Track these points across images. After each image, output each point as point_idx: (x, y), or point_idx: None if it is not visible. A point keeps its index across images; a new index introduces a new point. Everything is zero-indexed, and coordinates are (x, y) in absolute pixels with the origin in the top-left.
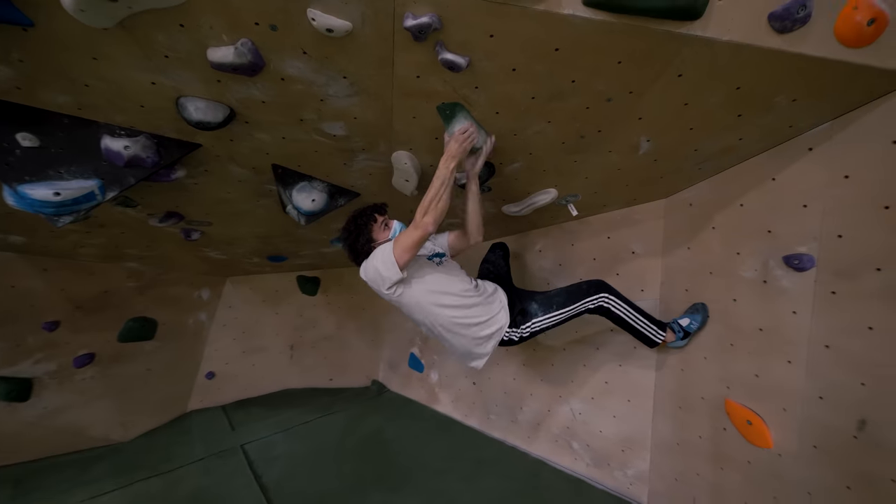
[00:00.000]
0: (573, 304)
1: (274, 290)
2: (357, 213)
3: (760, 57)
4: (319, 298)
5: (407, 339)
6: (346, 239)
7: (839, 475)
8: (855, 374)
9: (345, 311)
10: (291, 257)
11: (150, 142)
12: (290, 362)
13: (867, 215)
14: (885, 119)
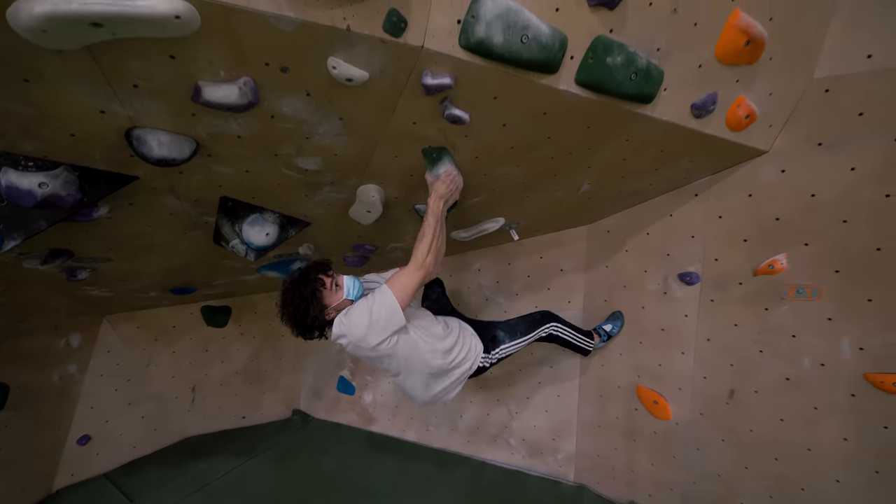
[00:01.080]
0: (532, 332)
1: (170, 325)
2: (297, 282)
3: (681, 132)
4: (230, 329)
5: (334, 362)
6: (291, 315)
7: (717, 431)
8: (726, 358)
9: (260, 340)
10: (202, 287)
11: (72, 176)
12: (191, 407)
13: (733, 245)
14: (745, 178)
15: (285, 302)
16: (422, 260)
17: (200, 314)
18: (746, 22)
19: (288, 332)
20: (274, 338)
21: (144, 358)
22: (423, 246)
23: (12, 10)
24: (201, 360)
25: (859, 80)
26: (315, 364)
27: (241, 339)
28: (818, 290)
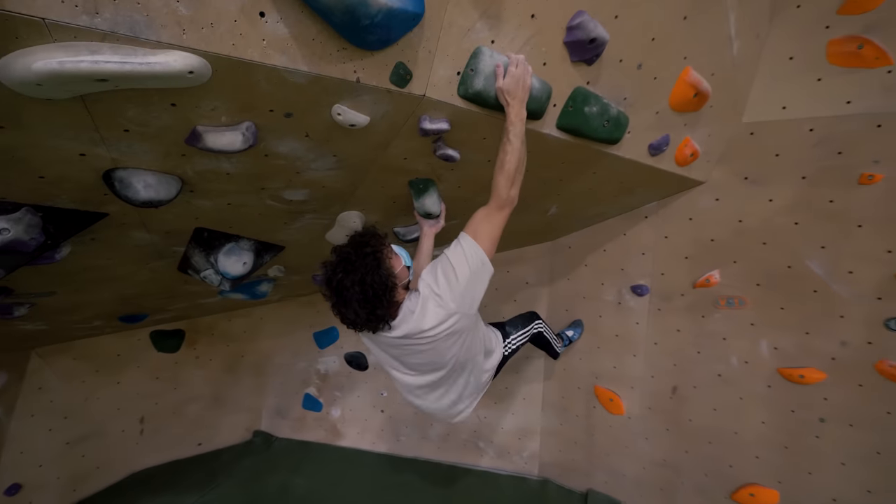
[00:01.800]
0: (528, 326)
1: (114, 354)
2: (356, 246)
3: (640, 168)
4: (183, 354)
5: (299, 380)
6: (359, 285)
7: (662, 423)
8: (670, 359)
9: (217, 362)
10: (154, 313)
11: (35, 218)
12: (140, 439)
13: (676, 261)
14: (687, 204)
15: (347, 270)
16: (505, 194)
17: (149, 340)
18: (695, 78)
19: (251, 350)
20: (232, 359)
21: (84, 392)
22: (504, 177)
23: (1, 65)
24: (151, 388)
25: (776, 127)
26: (278, 384)
27: (196, 363)
28: (744, 300)
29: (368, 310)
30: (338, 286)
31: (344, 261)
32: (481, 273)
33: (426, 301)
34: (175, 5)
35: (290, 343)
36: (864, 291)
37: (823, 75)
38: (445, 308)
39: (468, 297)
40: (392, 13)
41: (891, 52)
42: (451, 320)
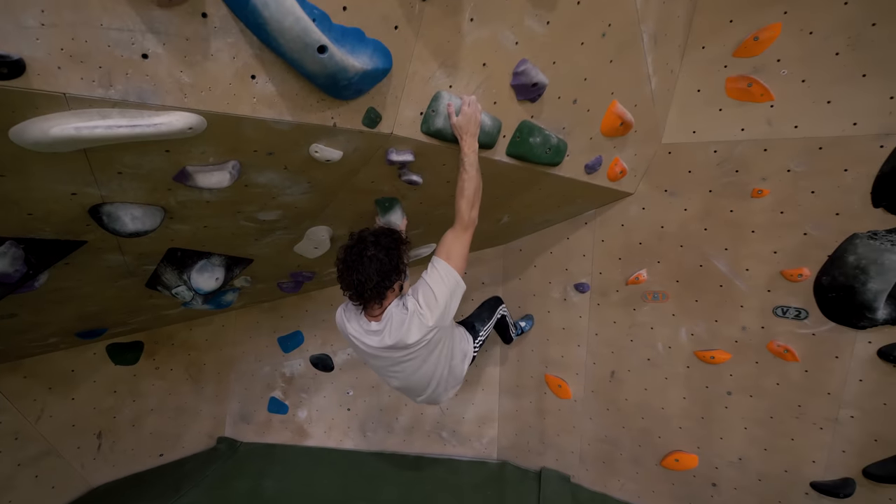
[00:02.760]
0: (493, 315)
1: (67, 370)
2: (392, 232)
3: (578, 184)
4: (142, 366)
5: (264, 384)
6: (384, 257)
7: (603, 404)
8: (608, 347)
9: (178, 372)
10: (113, 327)
11: (18, 251)
12: (97, 455)
13: (611, 262)
14: (619, 212)
15: (379, 245)
16: (468, 217)
17: (106, 353)
18: (621, 110)
19: (212, 358)
20: (194, 367)
21: (36, 410)
22: (465, 202)
23: (17, 129)
24: (108, 403)
25: (688, 148)
26: (242, 389)
27: (156, 373)
28: (666, 294)
29: (379, 278)
30: (361, 252)
31: (377, 236)
32: (456, 291)
33: (412, 317)
34: (179, 75)
35: (254, 348)
36: (758, 285)
37: (723, 106)
38: (426, 326)
39: (446, 314)
40: (366, 73)
41: (773, 90)
42: (430, 334)
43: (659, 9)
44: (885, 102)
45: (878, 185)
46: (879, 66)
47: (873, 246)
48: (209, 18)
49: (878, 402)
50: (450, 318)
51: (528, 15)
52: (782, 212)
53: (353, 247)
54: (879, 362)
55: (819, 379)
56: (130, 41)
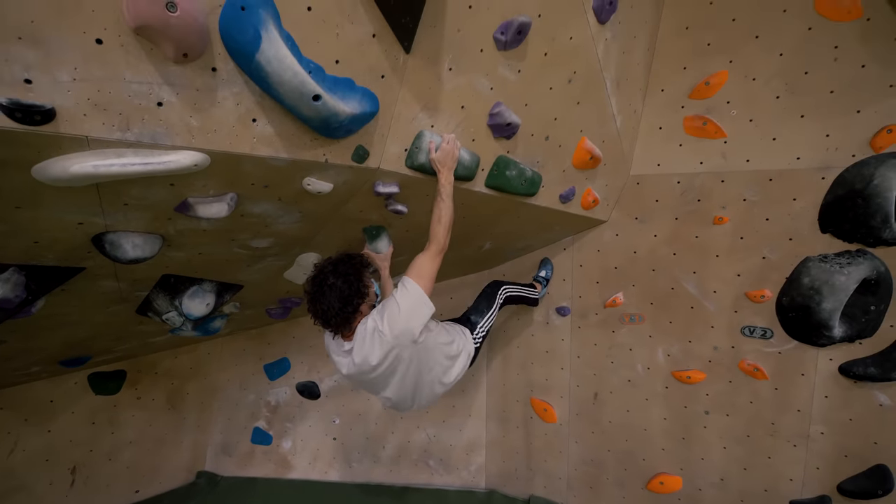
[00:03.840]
0: (493, 303)
1: (46, 400)
2: (345, 259)
3: (554, 212)
4: (123, 395)
5: (248, 413)
6: (342, 288)
7: (587, 426)
8: (590, 369)
9: (160, 402)
10: (98, 355)
11: (21, 277)
12: (70, 491)
13: (589, 285)
14: (595, 238)
15: (337, 273)
16: (443, 242)
17: (87, 383)
18: (590, 145)
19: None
20: (177, 397)
21: (9, 444)
22: (441, 228)
23: (40, 166)
24: (85, 434)
25: (654, 179)
26: (225, 419)
27: (137, 404)
28: (642, 316)
29: (341, 304)
30: (321, 281)
31: (335, 264)
32: (420, 308)
33: (373, 334)
34: (188, 119)
35: (239, 376)
36: (725, 306)
37: (683, 142)
38: (386, 344)
39: (407, 332)
40: (356, 116)
41: (725, 128)
42: (393, 353)
43: (619, 58)
44: (822, 140)
45: (823, 214)
46: (814, 108)
47: (824, 268)
48: (218, 72)
49: (844, 417)
50: (411, 337)
51: (500, 65)
52: (742, 237)
53: (314, 278)
54: (841, 378)
55: (788, 396)
56: (148, 92)
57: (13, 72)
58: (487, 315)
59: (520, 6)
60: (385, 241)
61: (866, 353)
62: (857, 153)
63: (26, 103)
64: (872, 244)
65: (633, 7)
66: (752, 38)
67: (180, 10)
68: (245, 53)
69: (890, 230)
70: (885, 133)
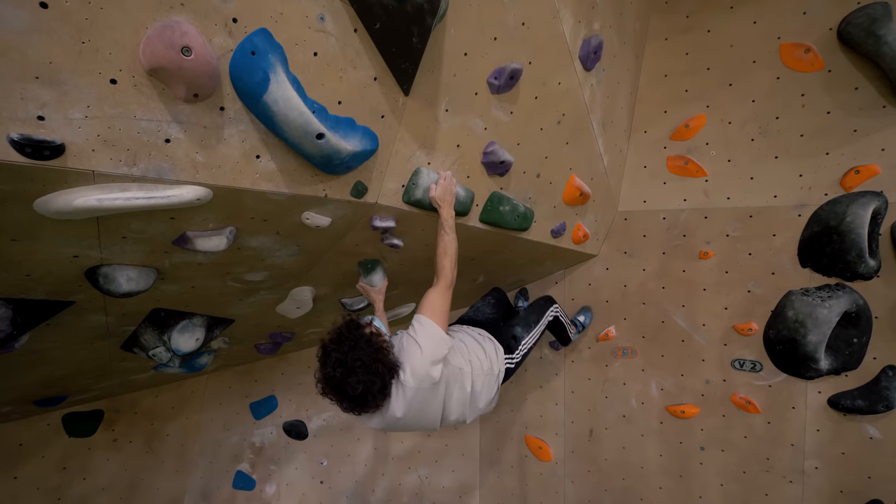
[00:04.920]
0: (542, 317)
1: (14, 444)
2: (346, 332)
3: (546, 247)
4: (99, 437)
5: (231, 455)
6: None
7: (583, 464)
8: (585, 404)
9: (137, 444)
10: (76, 394)
11: (7, 311)
12: None
13: None
14: (586, 272)
15: (358, 370)
16: (451, 275)
17: (61, 424)
18: (579, 183)
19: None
20: (156, 438)
21: None
22: (448, 261)
23: (43, 199)
24: (54, 481)
25: (641, 215)
26: (206, 463)
27: (113, 446)
28: (635, 350)
29: (382, 386)
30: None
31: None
32: (440, 347)
33: (396, 389)
34: (194, 155)
35: (223, 416)
36: (715, 339)
37: (667, 180)
38: (409, 392)
39: (427, 377)
40: (356, 154)
41: (706, 168)
42: (418, 398)
43: (604, 102)
44: (796, 179)
45: (802, 249)
46: (786, 150)
47: (807, 301)
48: (226, 111)
49: (836, 451)
50: (434, 378)
51: (494, 107)
52: (727, 271)
53: (335, 367)
54: (831, 411)
55: (781, 430)
56: (157, 129)
57: (27, 109)
58: (534, 330)
59: (512, 54)
60: (380, 274)
61: (853, 386)
62: (829, 192)
63: (37, 139)
64: (850, 278)
65: (615, 56)
66: (726, 86)
67: (195, 55)
68: (253, 94)
69: (865, 265)
70: (854, 173)
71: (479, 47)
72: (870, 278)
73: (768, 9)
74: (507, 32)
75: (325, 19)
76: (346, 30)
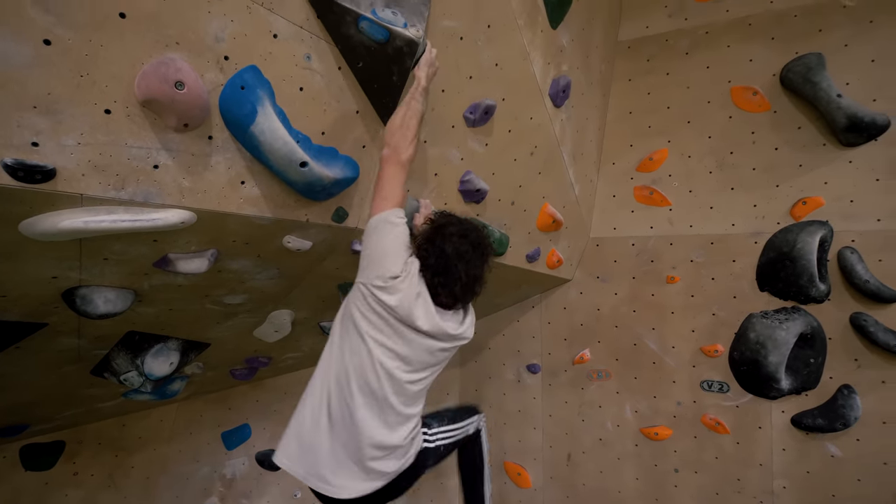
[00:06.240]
0: (461, 418)
1: None
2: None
3: (522, 271)
4: (57, 471)
5: (200, 489)
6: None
7: (562, 490)
8: (563, 428)
9: (99, 477)
10: (38, 423)
11: None
12: None
13: (558, 343)
14: (561, 296)
15: (481, 257)
16: (408, 150)
17: (18, 457)
18: (552, 210)
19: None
20: (120, 472)
21: None
22: (408, 133)
23: (28, 221)
24: None
25: (611, 241)
26: (172, 497)
27: (73, 480)
28: (609, 372)
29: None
30: (471, 246)
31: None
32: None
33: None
34: (181, 180)
35: (192, 446)
36: (684, 361)
37: (634, 209)
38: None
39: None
40: (337, 181)
41: (669, 198)
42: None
43: (574, 136)
44: (751, 209)
45: (760, 274)
46: (741, 182)
47: (766, 324)
48: (214, 140)
49: (802, 470)
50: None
51: (470, 139)
52: (692, 295)
53: (461, 253)
54: (794, 430)
55: (750, 450)
56: (147, 156)
57: (23, 136)
58: (446, 427)
59: (486, 91)
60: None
61: (813, 405)
62: (780, 221)
63: (30, 164)
64: (804, 301)
65: (583, 94)
66: (685, 123)
67: (187, 89)
68: (241, 125)
69: (816, 289)
70: (801, 204)
71: (455, 85)
72: (821, 301)
73: (719, 56)
74: (482, 72)
75: (311, 58)
76: (330, 67)
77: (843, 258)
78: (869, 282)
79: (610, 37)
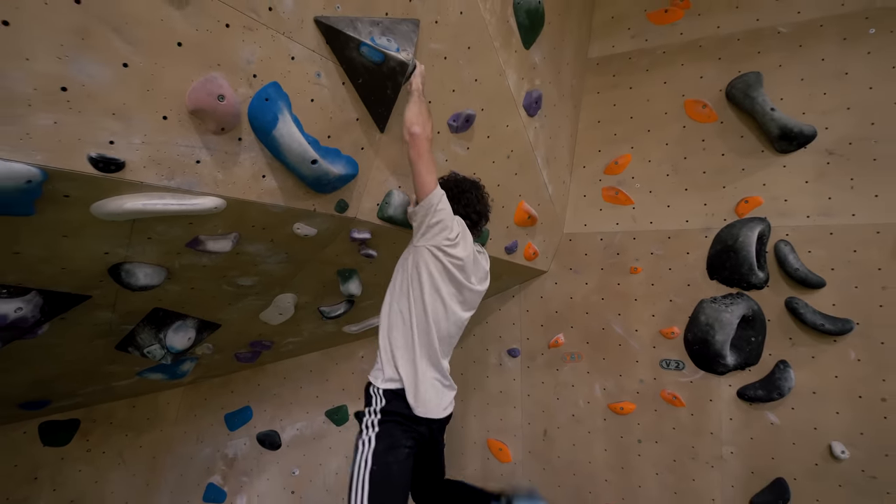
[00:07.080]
0: None
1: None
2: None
3: (502, 262)
4: (73, 448)
5: (203, 468)
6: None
7: (539, 463)
8: (540, 406)
9: (110, 456)
10: (60, 399)
11: (39, 300)
12: None
13: (536, 328)
14: (538, 286)
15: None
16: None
17: (37, 433)
18: (527, 207)
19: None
20: (129, 450)
21: None
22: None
23: (99, 203)
24: (24, 492)
25: (583, 236)
26: (176, 475)
27: (86, 457)
28: (581, 355)
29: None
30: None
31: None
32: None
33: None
34: (216, 173)
35: (196, 428)
36: (646, 343)
37: (602, 208)
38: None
39: None
40: (340, 177)
41: (632, 198)
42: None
43: (547, 142)
44: (702, 207)
45: (709, 264)
46: (693, 184)
47: (715, 308)
48: (242, 141)
49: (746, 437)
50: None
51: (453, 143)
52: (653, 284)
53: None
54: (740, 402)
55: (702, 421)
56: (191, 153)
57: (103, 136)
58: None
59: (467, 103)
60: (356, 282)
61: (755, 379)
62: (727, 218)
63: (108, 157)
64: (746, 288)
65: (555, 105)
66: (646, 132)
67: (227, 101)
68: (265, 130)
69: (755, 276)
70: (744, 203)
71: (440, 97)
72: (761, 287)
73: (674, 73)
74: (463, 86)
75: (321, 75)
76: (335, 83)
77: (779, 250)
78: (799, 270)
79: (581, 55)
